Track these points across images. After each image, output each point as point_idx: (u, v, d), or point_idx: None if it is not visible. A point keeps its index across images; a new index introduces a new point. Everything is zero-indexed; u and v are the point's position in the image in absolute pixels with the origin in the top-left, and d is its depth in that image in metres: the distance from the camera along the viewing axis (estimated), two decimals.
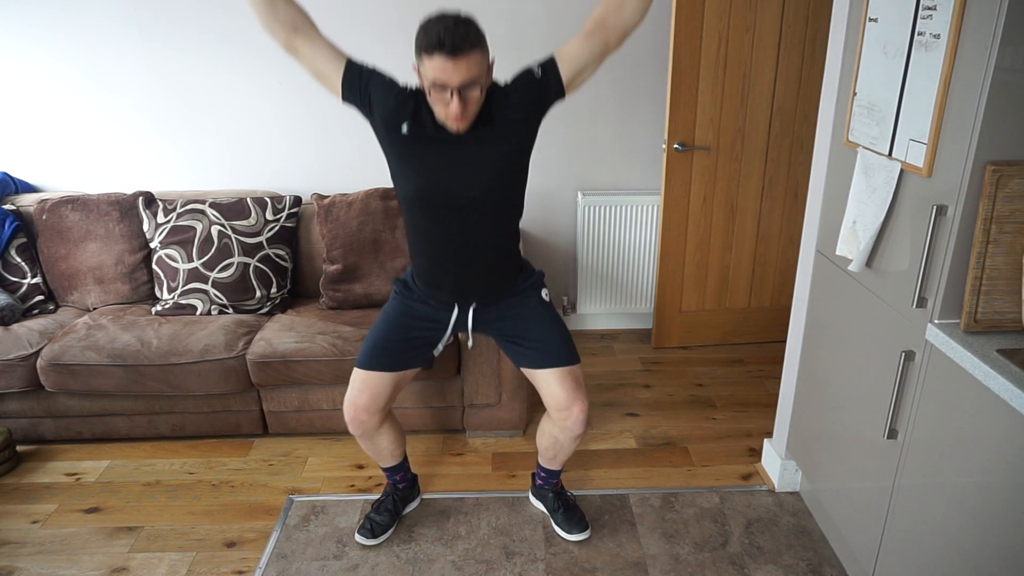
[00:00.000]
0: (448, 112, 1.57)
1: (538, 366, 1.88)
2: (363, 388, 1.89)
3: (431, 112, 1.64)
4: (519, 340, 1.91)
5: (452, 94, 1.54)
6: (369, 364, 1.90)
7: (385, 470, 2.13)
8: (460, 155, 1.68)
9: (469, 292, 1.89)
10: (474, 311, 1.91)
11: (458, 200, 1.73)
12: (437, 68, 1.51)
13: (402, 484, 2.16)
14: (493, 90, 1.67)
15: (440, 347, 1.97)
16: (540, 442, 2.06)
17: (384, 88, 1.70)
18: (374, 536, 2.07)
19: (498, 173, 1.72)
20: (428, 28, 1.53)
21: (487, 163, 1.70)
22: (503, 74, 1.65)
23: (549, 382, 1.87)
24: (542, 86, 1.69)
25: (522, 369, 1.94)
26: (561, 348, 1.89)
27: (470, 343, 2.09)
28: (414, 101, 1.68)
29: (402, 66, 2.90)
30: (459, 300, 1.90)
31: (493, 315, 1.92)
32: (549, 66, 1.68)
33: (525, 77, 1.70)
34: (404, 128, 1.67)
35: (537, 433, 2.06)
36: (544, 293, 1.95)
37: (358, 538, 2.08)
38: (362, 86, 1.70)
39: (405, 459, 2.15)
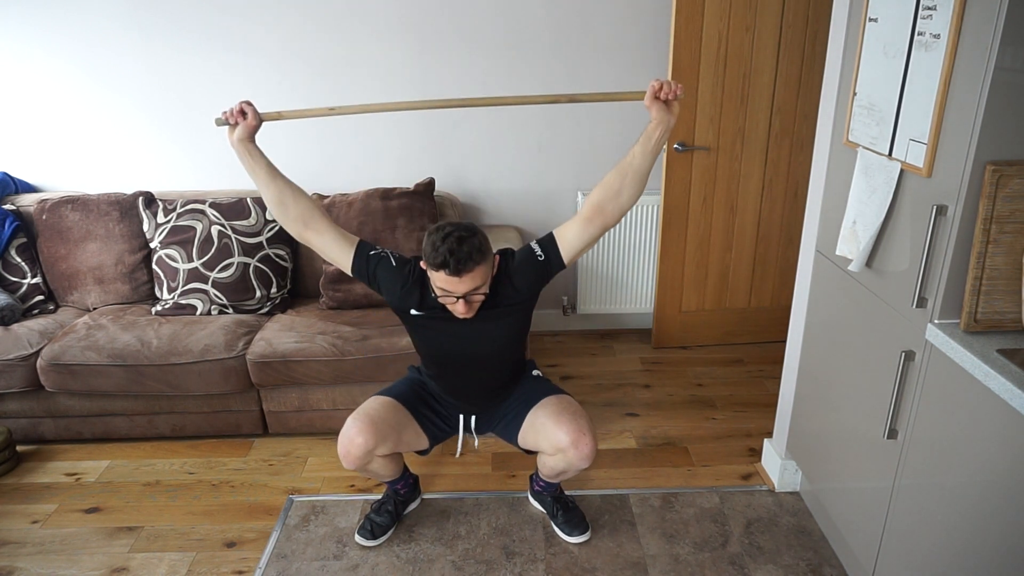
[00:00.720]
0: (454, 310, 1.73)
1: (523, 414, 1.93)
2: (367, 425, 1.83)
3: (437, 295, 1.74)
4: (507, 415, 1.99)
5: (457, 299, 1.68)
6: (393, 395, 1.97)
7: (385, 483, 2.14)
8: (468, 329, 1.80)
9: (477, 408, 2.02)
10: (475, 419, 2.03)
11: (467, 361, 1.90)
12: (443, 282, 1.66)
13: (403, 490, 2.16)
14: (499, 269, 1.79)
15: (446, 434, 2.06)
16: (542, 468, 2.02)
17: (391, 275, 1.80)
18: (374, 537, 2.07)
19: (504, 339, 1.89)
20: (435, 244, 1.64)
21: (493, 334, 1.85)
22: (505, 75, 1.65)
23: (544, 425, 1.87)
24: (544, 266, 1.79)
25: (520, 441, 1.97)
26: (540, 390, 1.96)
27: (475, 442, 2.10)
28: (420, 286, 1.80)
29: (401, 65, 2.91)
30: (464, 412, 2.03)
31: (493, 418, 2.03)
32: (550, 247, 1.78)
33: (528, 259, 1.79)
34: (413, 312, 1.82)
35: (538, 459, 2.02)
36: (535, 373, 2.06)
37: (358, 539, 2.08)
38: (370, 272, 1.81)
39: (404, 471, 2.13)
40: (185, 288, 2.68)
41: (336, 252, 1.81)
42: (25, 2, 2.80)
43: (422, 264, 1.73)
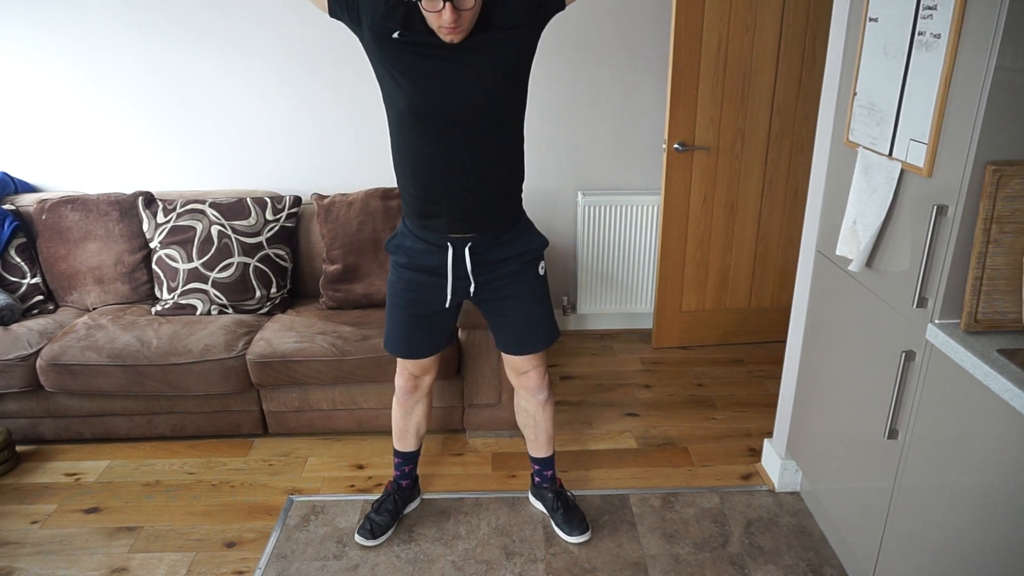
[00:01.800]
0: (440, 22, 1.51)
1: (513, 350, 1.97)
2: (408, 362, 2.00)
3: (424, 18, 1.55)
4: (504, 311, 1.91)
5: (444, 3, 1.47)
6: (400, 352, 1.99)
7: (399, 457, 2.15)
8: (455, 63, 1.59)
9: (466, 220, 1.76)
10: (471, 251, 1.79)
11: (454, 113, 1.64)
12: None
13: (405, 480, 2.17)
14: None
15: (448, 300, 1.86)
16: (521, 425, 2.13)
17: None
18: (374, 537, 2.07)
19: (496, 83, 1.64)
20: None
21: (484, 72, 1.61)
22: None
23: (521, 362, 1.98)
24: None
25: (501, 352, 2.02)
26: (540, 332, 1.95)
27: (471, 284, 1.85)
28: (405, 7, 1.59)
29: None
30: (454, 230, 1.77)
31: (491, 262, 1.82)
32: None
33: None
34: (395, 34, 1.59)
35: (516, 418, 2.14)
36: (541, 267, 1.89)
37: (358, 539, 2.08)
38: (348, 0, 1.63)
39: (419, 451, 2.19)
40: (185, 288, 2.68)
41: None
42: (25, 2, 2.80)
43: None
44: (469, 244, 1.79)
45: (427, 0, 1.49)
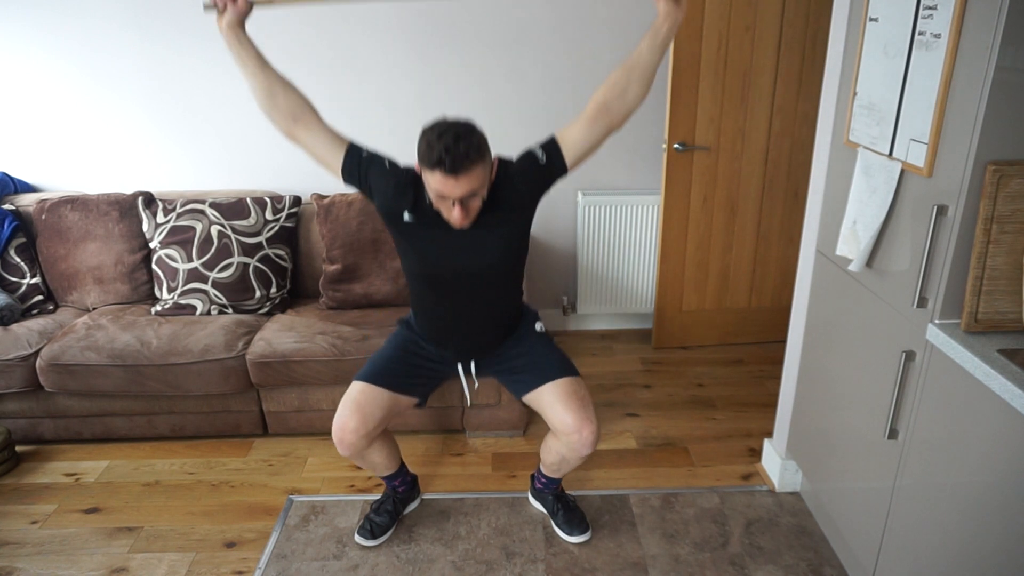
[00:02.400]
0: (450, 217, 1.62)
1: (534, 386, 1.87)
2: (354, 409, 1.83)
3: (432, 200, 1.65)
4: (515, 371, 1.93)
5: (454, 203, 1.58)
6: (368, 377, 1.89)
7: (382, 478, 2.13)
8: (463, 239, 1.70)
9: (472, 352, 1.94)
10: (475, 364, 1.96)
11: (462, 277, 1.78)
12: (438, 182, 1.55)
13: (401, 488, 2.16)
14: (497, 175, 1.69)
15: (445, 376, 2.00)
16: (545, 456, 2.03)
17: (383, 176, 1.72)
18: (374, 537, 2.07)
19: (501, 252, 1.77)
20: (430, 142, 1.54)
21: (490, 245, 1.74)
22: (506, 75, 1.64)
23: (552, 404, 1.84)
24: (545, 170, 1.71)
25: (525, 400, 1.93)
26: (555, 363, 1.90)
27: (475, 385, 2.03)
28: (414, 188, 1.70)
29: (401, 66, 2.91)
30: (462, 358, 1.95)
31: (492, 360, 1.96)
32: (552, 149, 1.70)
33: (529, 162, 1.72)
34: (406, 216, 1.71)
35: (542, 447, 2.04)
36: (538, 326, 1.98)
37: (357, 539, 2.08)
38: (361, 174, 1.72)
39: (402, 466, 2.13)
40: (185, 288, 2.68)
41: (326, 151, 1.71)
42: (25, 2, 2.79)
43: (416, 168, 1.62)
44: (474, 361, 1.95)
45: (437, 199, 1.59)
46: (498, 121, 3.03)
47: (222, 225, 2.70)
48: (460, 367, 1.96)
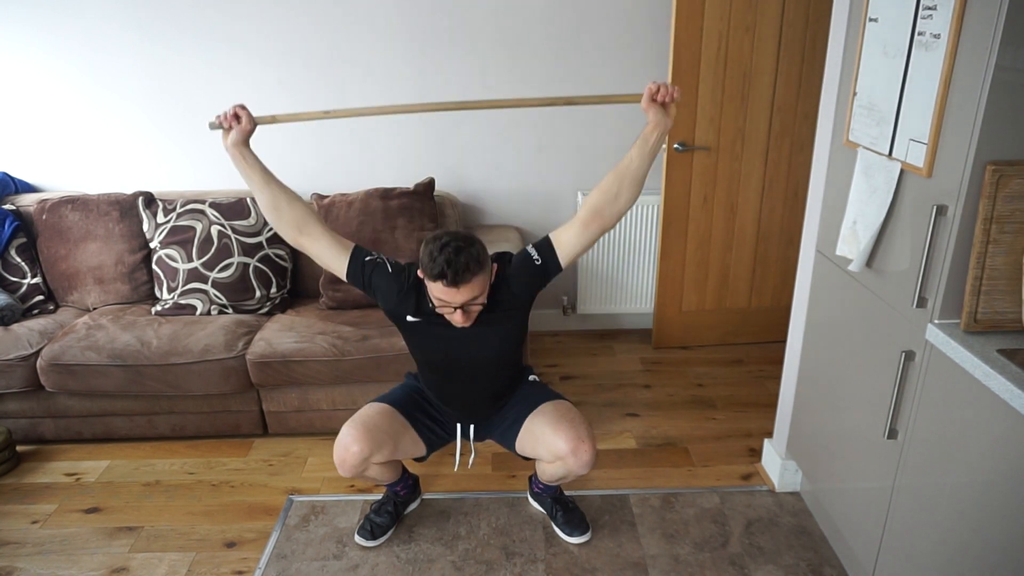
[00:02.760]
0: (452, 320, 1.71)
1: (521, 420, 1.91)
2: (363, 431, 1.83)
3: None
4: (506, 420, 1.97)
5: (455, 310, 1.66)
6: (389, 400, 1.94)
7: (384, 486, 2.13)
8: (465, 336, 1.77)
9: (473, 416, 2.00)
10: (474, 428, 2.02)
11: (464, 367, 1.87)
12: (440, 292, 1.64)
13: (403, 492, 2.16)
14: (496, 276, 1.75)
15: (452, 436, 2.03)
16: (541, 475, 2.02)
17: (386, 281, 1.78)
18: (374, 537, 2.07)
19: (501, 344, 1.86)
20: (432, 254, 1.62)
21: (490, 340, 1.83)
22: (506, 74, 1.63)
23: (543, 433, 1.86)
24: (541, 270, 1.77)
25: (518, 448, 1.95)
26: (540, 395, 1.95)
27: (472, 458, 2.11)
28: (416, 292, 1.78)
29: (401, 66, 2.91)
30: (462, 420, 2.01)
31: (490, 424, 2.01)
32: (547, 252, 1.76)
33: (525, 265, 1.78)
34: (409, 318, 1.80)
35: (536, 467, 2.03)
36: (531, 378, 2.04)
37: (358, 539, 2.08)
38: (365, 279, 1.79)
39: (403, 473, 2.13)
40: (185, 288, 2.68)
41: (331, 258, 1.79)
42: (25, 2, 2.80)
43: (419, 273, 1.71)
44: (473, 425, 2.01)
45: (440, 305, 1.68)
46: (498, 122, 3.04)
47: (222, 225, 2.70)
48: (459, 428, 2.01)
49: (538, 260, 1.76)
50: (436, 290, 1.64)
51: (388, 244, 2.70)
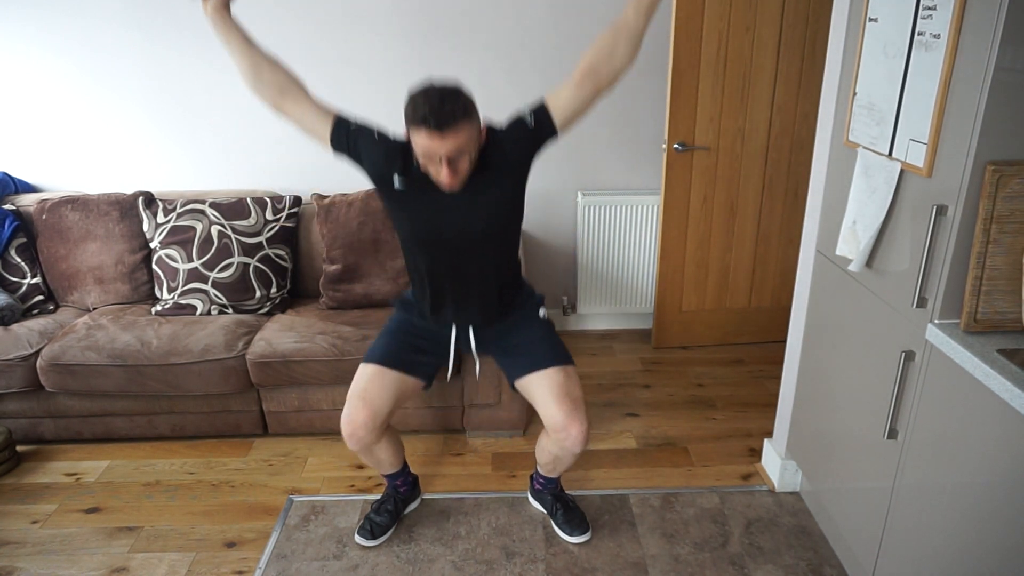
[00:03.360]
0: (439, 178, 1.62)
1: (526, 371, 1.88)
2: (363, 402, 1.85)
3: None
4: (511, 351, 1.94)
5: (442, 161, 1.58)
6: (375, 358, 1.90)
7: (385, 476, 2.13)
8: (455, 202, 1.70)
9: (468, 317, 1.93)
10: (474, 330, 1.95)
11: (455, 242, 1.77)
12: (424, 141, 1.55)
13: (403, 488, 2.16)
14: (487, 140, 1.69)
15: (450, 360, 1.98)
16: (539, 456, 2.05)
17: (372, 144, 1.73)
18: (374, 537, 2.07)
19: (494, 216, 1.77)
20: (415, 102, 1.55)
21: (482, 208, 1.74)
22: (506, 74, 1.65)
23: (543, 396, 1.84)
24: (535, 133, 1.71)
25: (517, 386, 1.93)
26: (549, 351, 1.90)
27: (477, 367, 2.07)
28: (403, 155, 1.70)
29: (401, 66, 2.91)
30: (458, 323, 1.94)
31: (492, 335, 1.96)
32: (541, 113, 1.71)
33: (518, 126, 1.73)
34: (396, 182, 1.72)
35: (536, 447, 2.05)
36: (542, 312, 1.98)
37: (358, 539, 2.08)
38: (350, 144, 1.74)
39: (405, 465, 2.14)
40: (185, 288, 2.68)
41: (314, 123, 1.73)
42: (25, 2, 2.80)
43: (405, 135, 1.63)
44: (472, 327, 1.94)
45: (424, 160, 1.59)
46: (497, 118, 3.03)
47: (222, 225, 2.70)
48: (455, 332, 1.94)
49: (532, 125, 1.70)
50: (420, 139, 1.55)
51: (388, 244, 2.70)
